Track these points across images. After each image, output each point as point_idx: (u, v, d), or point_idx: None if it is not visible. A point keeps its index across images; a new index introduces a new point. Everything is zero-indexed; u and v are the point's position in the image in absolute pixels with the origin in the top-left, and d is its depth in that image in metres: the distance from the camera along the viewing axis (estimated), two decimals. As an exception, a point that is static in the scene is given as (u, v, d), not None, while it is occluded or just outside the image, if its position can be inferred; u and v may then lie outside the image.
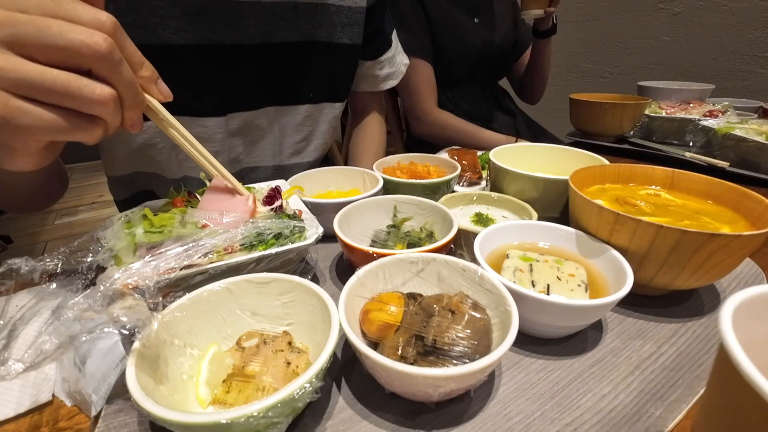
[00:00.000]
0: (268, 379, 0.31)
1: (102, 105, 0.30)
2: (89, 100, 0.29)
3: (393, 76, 0.88)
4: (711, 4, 1.74)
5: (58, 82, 0.28)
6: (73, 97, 0.29)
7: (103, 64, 0.29)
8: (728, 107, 0.97)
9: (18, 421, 0.32)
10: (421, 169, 0.69)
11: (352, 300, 0.35)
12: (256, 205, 0.46)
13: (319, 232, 0.44)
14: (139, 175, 0.69)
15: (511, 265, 0.42)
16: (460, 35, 1.13)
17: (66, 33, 0.28)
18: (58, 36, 0.27)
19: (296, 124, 0.74)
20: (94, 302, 0.29)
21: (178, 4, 0.54)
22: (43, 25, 0.27)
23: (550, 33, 1.18)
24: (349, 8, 0.71)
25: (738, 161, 0.81)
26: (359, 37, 0.74)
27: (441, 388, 0.28)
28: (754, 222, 0.42)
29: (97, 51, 0.28)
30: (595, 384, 0.34)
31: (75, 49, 0.28)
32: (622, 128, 1.00)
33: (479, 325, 0.32)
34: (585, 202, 0.43)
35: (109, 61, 0.30)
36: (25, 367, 0.34)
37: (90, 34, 0.28)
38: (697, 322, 0.41)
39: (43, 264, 0.34)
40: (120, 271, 0.32)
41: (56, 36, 0.27)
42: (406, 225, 0.55)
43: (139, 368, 0.28)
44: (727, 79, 1.76)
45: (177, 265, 0.36)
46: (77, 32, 0.28)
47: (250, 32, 0.61)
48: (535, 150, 0.68)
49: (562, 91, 1.40)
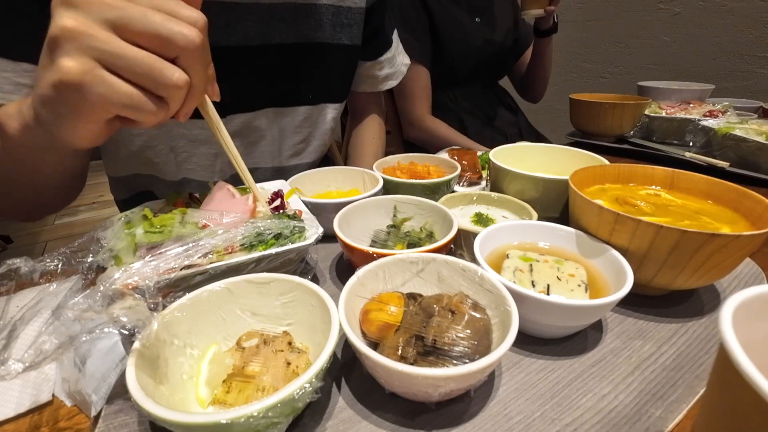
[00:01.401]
0: (268, 379, 0.31)
1: (176, 89, 0.33)
2: (167, 82, 0.32)
3: (393, 77, 0.88)
4: (711, 4, 1.74)
5: (145, 61, 0.31)
6: (154, 77, 0.31)
7: (191, 55, 0.32)
8: (728, 107, 0.97)
9: (18, 421, 0.32)
10: (421, 169, 0.69)
11: (352, 300, 0.35)
12: (256, 205, 0.46)
13: (319, 233, 0.44)
14: (139, 176, 0.69)
15: (511, 265, 0.42)
16: (461, 35, 1.13)
17: (167, 22, 0.31)
18: (160, 24, 0.31)
19: (295, 126, 0.74)
20: (94, 302, 0.29)
21: None
22: (149, 13, 0.31)
23: (551, 32, 1.18)
24: (348, 9, 0.70)
25: (738, 161, 0.81)
26: (358, 38, 0.74)
27: (441, 388, 0.28)
28: (754, 222, 0.42)
29: (191, 42, 0.32)
30: (595, 384, 0.34)
31: (172, 37, 0.31)
32: (622, 128, 1.00)
33: (479, 325, 0.32)
34: (585, 202, 0.43)
35: (198, 54, 0.33)
36: (25, 367, 0.34)
37: (188, 27, 0.32)
38: (697, 322, 0.41)
39: (43, 264, 0.34)
40: (120, 271, 0.32)
41: (158, 24, 0.31)
42: (406, 225, 0.55)
43: (139, 368, 0.28)
44: (727, 79, 1.76)
45: (177, 265, 0.36)
46: (177, 24, 0.31)
47: (248, 34, 0.61)
48: (535, 150, 0.68)
49: (562, 91, 1.40)
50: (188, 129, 0.63)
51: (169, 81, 0.32)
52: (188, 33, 0.32)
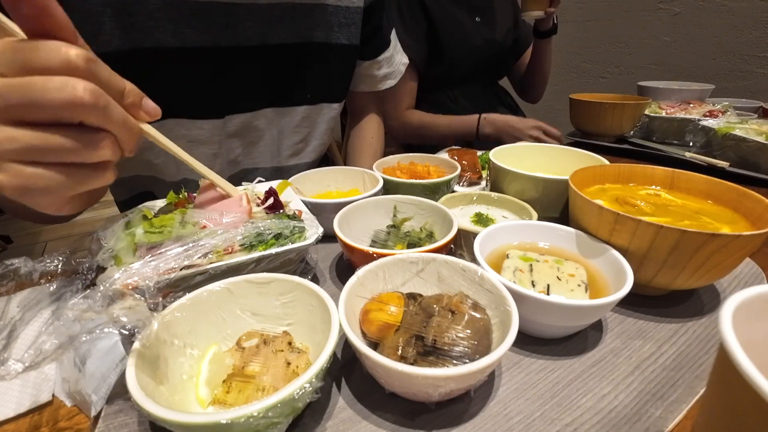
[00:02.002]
0: (268, 379, 0.31)
1: (102, 152, 0.31)
2: (89, 154, 0.30)
3: (391, 76, 0.88)
4: (711, 4, 1.74)
5: (56, 144, 0.28)
6: (75, 154, 0.29)
7: (91, 114, 0.29)
8: (728, 107, 0.97)
9: (18, 421, 0.32)
10: (421, 169, 0.69)
11: (352, 300, 0.35)
12: (251, 205, 0.46)
13: (319, 233, 0.44)
14: (139, 177, 0.69)
15: (511, 265, 0.42)
16: (461, 35, 1.13)
17: (46, 94, 0.27)
18: (40, 99, 0.27)
19: (294, 126, 0.74)
20: (94, 302, 0.29)
21: (174, 7, 0.54)
22: (23, 90, 0.27)
23: (551, 33, 1.18)
24: (347, 8, 0.70)
25: (738, 161, 0.81)
26: (357, 38, 0.74)
27: (441, 388, 0.28)
28: (754, 222, 0.42)
29: (81, 104, 0.28)
30: (595, 384, 0.34)
31: (59, 107, 0.28)
32: (622, 128, 1.00)
33: (479, 325, 0.32)
34: (585, 202, 0.43)
35: (97, 110, 0.29)
36: (25, 367, 0.34)
37: (68, 87, 0.28)
38: (697, 322, 0.41)
39: (44, 264, 0.35)
40: (120, 272, 0.33)
41: (38, 100, 0.27)
42: (406, 225, 0.55)
43: (139, 368, 0.28)
44: (727, 79, 1.76)
45: (177, 265, 0.36)
46: (55, 90, 0.27)
47: (247, 34, 0.61)
48: (535, 150, 0.68)
49: (562, 91, 1.40)
50: (188, 130, 0.63)
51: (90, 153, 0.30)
52: (71, 97, 0.28)
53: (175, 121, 0.61)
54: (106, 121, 0.30)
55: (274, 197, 0.48)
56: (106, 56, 0.51)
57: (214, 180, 0.46)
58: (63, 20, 0.29)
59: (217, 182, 0.46)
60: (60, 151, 0.29)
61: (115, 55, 0.52)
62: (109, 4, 0.49)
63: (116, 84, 0.32)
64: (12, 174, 0.28)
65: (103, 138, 0.31)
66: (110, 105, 0.30)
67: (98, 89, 0.29)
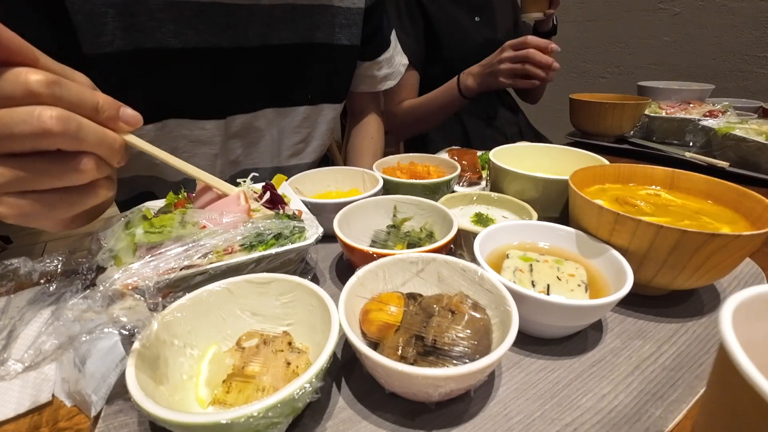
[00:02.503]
0: (268, 379, 0.31)
1: (85, 175, 0.31)
2: (72, 178, 0.30)
3: (391, 77, 0.88)
4: (711, 4, 1.74)
5: (37, 174, 0.29)
6: (58, 180, 0.30)
7: (63, 141, 0.29)
8: (728, 107, 0.97)
9: (18, 422, 0.32)
10: (421, 169, 0.69)
11: (352, 300, 0.35)
12: (249, 203, 0.45)
13: (319, 233, 0.44)
14: (140, 177, 0.69)
15: (511, 265, 0.42)
16: (461, 34, 1.13)
17: (13, 127, 0.27)
18: (8, 132, 0.27)
19: (295, 126, 0.74)
20: (94, 302, 0.29)
21: (176, 8, 0.54)
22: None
23: (551, 34, 1.18)
24: (348, 9, 0.71)
25: (738, 161, 0.81)
26: (358, 38, 0.74)
27: (441, 388, 0.28)
28: (754, 222, 0.42)
29: (50, 134, 0.27)
30: (595, 384, 0.34)
31: (29, 138, 0.27)
32: (622, 128, 1.00)
33: (479, 325, 0.32)
34: (585, 202, 0.43)
35: (68, 136, 0.29)
36: (25, 367, 0.34)
37: (32, 118, 0.27)
38: (697, 322, 0.41)
39: (43, 265, 0.35)
40: (120, 272, 0.32)
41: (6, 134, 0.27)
42: (406, 225, 0.55)
43: (139, 369, 0.28)
44: (727, 79, 1.76)
45: (177, 265, 0.36)
46: (21, 122, 0.27)
47: (248, 35, 0.61)
48: (535, 150, 0.68)
49: (562, 91, 1.40)
50: (189, 130, 0.63)
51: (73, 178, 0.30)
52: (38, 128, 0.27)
53: (176, 122, 0.61)
54: (80, 144, 0.30)
55: (271, 191, 0.48)
56: (108, 56, 0.52)
57: (209, 182, 0.46)
58: (17, 45, 0.28)
59: (212, 183, 0.46)
60: (43, 179, 0.29)
61: (117, 56, 0.52)
62: (112, 5, 0.50)
63: (88, 101, 0.31)
64: (8, 206, 0.29)
65: (82, 160, 0.30)
66: (82, 127, 0.30)
67: (65, 114, 0.28)
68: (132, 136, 0.36)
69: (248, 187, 0.49)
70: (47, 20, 0.47)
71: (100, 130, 0.31)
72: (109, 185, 0.34)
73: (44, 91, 0.28)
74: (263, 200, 0.47)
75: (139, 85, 0.56)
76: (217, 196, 0.46)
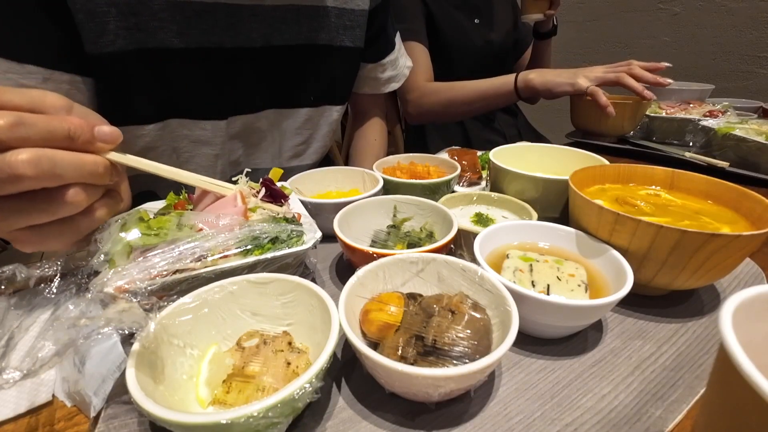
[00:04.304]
0: (268, 379, 0.31)
1: (73, 206, 0.31)
2: (62, 210, 0.31)
3: (395, 79, 0.88)
4: (711, 4, 1.74)
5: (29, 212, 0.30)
6: (50, 215, 0.30)
7: (39, 182, 0.28)
8: (728, 107, 0.97)
9: (17, 422, 0.32)
10: (421, 169, 0.69)
11: (352, 300, 0.35)
12: (246, 204, 0.44)
13: (317, 237, 0.42)
14: (141, 177, 0.69)
15: (511, 265, 0.42)
16: (461, 36, 1.13)
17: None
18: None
19: (296, 127, 0.74)
20: (86, 308, 0.29)
21: (178, 8, 0.54)
22: None
23: (551, 34, 1.18)
24: (351, 11, 0.70)
25: (738, 161, 0.81)
26: (361, 40, 0.74)
27: (441, 388, 0.28)
28: (754, 222, 0.42)
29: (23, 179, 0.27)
30: (595, 384, 0.34)
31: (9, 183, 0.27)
32: (623, 128, 1.00)
33: (479, 325, 0.32)
34: (585, 202, 0.43)
35: (42, 177, 0.28)
36: (23, 375, 0.34)
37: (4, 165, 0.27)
38: (697, 322, 0.41)
39: (41, 270, 0.34)
40: (109, 274, 0.32)
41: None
42: (406, 225, 0.55)
43: (139, 369, 0.28)
44: (727, 79, 1.76)
45: (169, 268, 0.35)
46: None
47: (251, 35, 0.61)
48: (535, 150, 0.68)
49: (563, 91, 1.40)
50: (191, 130, 0.63)
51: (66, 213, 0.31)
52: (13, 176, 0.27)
53: (178, 121, 0.61)
54: (59, 179, 0.29)
55: (270, 186, 0.47)
56: (110, 56, 0.52)
57: (203, 186, 0.45)
58: None
59: (208, 188, 0.45)
60: (39, 216, 0.30)
61: (119, 55, 0.52)
62: (114, 5, 0.50)
63: (58, 132, 0.30)
64: (20, 241, 0.32)
65: (67, 193, 0.30)
66: (57, 163, 0.29)
67: (35, 155, 0.28)
68: (114, 154, 0.35)
69: (245, 184, 0.48)
70: (50, 19, 0.47)
71: (77, 159, 0.31)
72: (110, 203, 0.35)
73: (8, 136, 0.27)
74: (260, 195, 0.46)
75: (140, 84, 0.56)
76: (217, 199, 0.46)
